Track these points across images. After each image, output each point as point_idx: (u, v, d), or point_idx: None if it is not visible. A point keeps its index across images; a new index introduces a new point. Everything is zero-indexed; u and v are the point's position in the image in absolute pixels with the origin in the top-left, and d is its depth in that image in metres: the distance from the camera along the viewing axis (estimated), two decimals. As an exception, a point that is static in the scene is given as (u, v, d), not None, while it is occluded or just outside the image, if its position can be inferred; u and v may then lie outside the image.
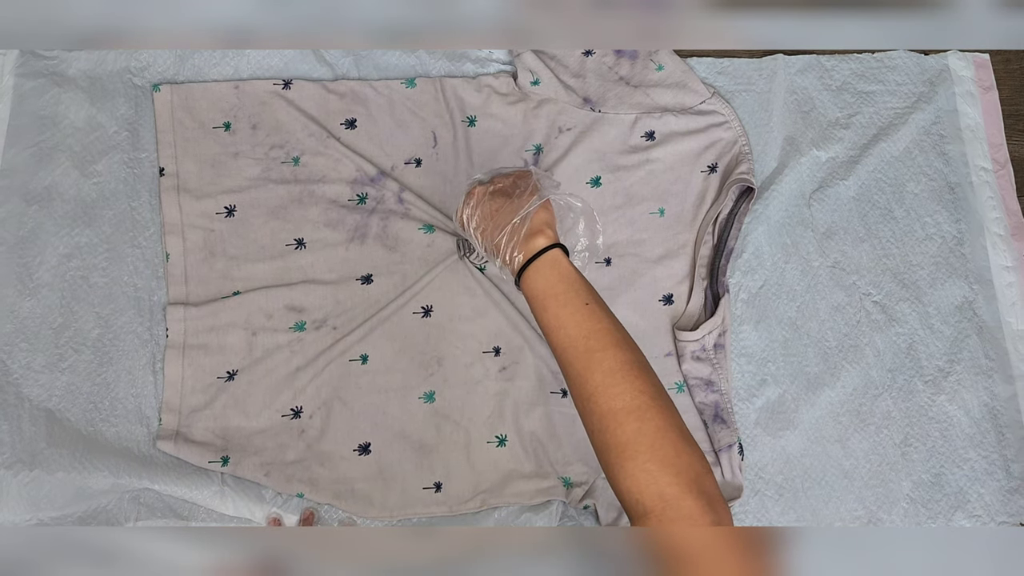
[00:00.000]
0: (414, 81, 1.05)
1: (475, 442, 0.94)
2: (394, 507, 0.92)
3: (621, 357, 0.69)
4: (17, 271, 0.95)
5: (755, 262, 1.04)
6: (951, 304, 1.04)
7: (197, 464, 0.90)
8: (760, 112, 1.09)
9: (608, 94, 1.06)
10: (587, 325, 0.71)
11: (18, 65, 1.01)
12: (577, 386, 0.70)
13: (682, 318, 1.01)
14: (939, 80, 1.13)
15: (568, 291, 0.73)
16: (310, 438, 0.93)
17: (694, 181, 1.05)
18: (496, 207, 0.79)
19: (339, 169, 1.01)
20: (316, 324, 0.96)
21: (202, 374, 0.94)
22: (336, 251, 0.99)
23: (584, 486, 0.93)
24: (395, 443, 0.94)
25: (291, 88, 1.03)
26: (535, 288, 0.75)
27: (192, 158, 1.00)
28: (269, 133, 1.01)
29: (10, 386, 0.91)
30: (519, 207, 0.77)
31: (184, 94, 1.02)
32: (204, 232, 0.98)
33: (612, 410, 0.67)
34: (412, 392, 0.95)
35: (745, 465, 0.96)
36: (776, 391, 0.99)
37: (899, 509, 0.96)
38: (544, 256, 0.75)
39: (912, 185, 1.08)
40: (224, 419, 0.92)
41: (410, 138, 1.03)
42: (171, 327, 0.94)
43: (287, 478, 0.91)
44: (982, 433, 1.00)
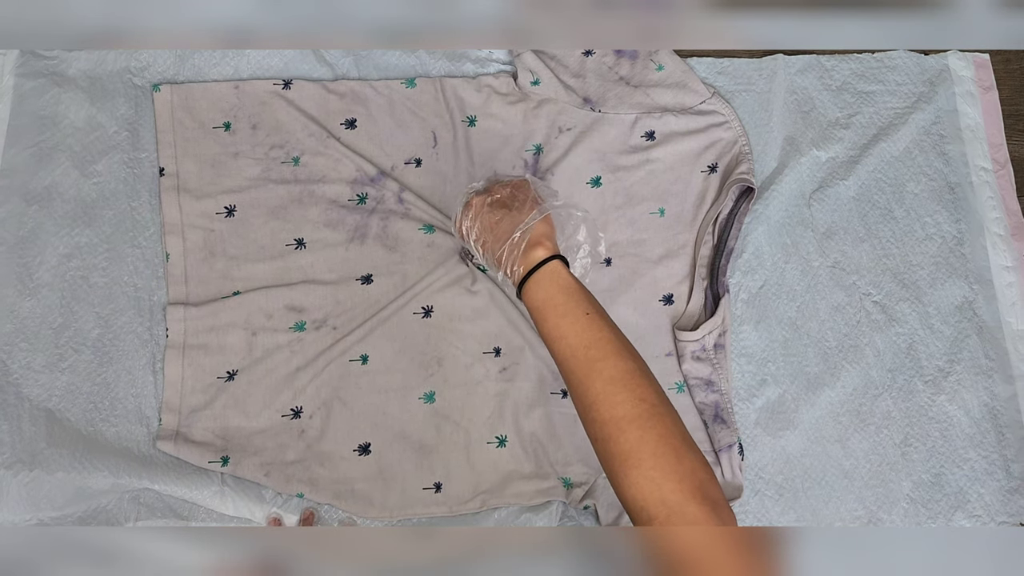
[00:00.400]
0: (414, 81, 1.05)
1: (475, 443, 0.94)
2: (394, 507, 0.92)
3: (622, 366, 0.69)
4: (17, 271, 0.95)
5: (755, 262, 1.04)
6: (951, 304, 1.04)
7: (197, 464, 0.90)
8: (760, 112, 1.09)
9: (608, 94, 1.06)
10: (587, 335, 0.72)
11: (18, 65, 1.01)
12: (579, 395, 0.71)
13: (682, 318, 1.01)
14: (939, 80, 1.13)
15: (568, 301, 0.74)
16: (310, 438, 0.93)
17: (694, 181, 1.05)
18: (495, 220, 0.80)
19: (339, 169, 1.01)
20: (316, 324, 0.96)
21: (202, 374, 0.94)
22: (336, 251, 0.99)
23: (584, 487, 0.93)
24: (395, 443, 0.94)
25: (291, 88, 1.03)
26: (535, 299, 0.76)
27: (192, 158, 1.00)
28: (269, 133, 1.01)
29: (10, 386, 0.91)
30: (518, 220, 0.78)
31: (184, 94, 1.02)
32: (204, 232, 0.98)
33: (614, 418, 0.67)
34: (412, 392, 0.95)
35: (745, 465, 0.96)
36: (776, 391, 0.99)
37: (899, 509, 0.96)
38: (544, 268, 0.76)
39: (912, 185, 1.08)
40: (224, 419, 0.92)
41: (410, 138, 1.03)
42: (171, 327, 0.94)
43: (287, 478, 0.91)
44: (982, 433, 1.00)
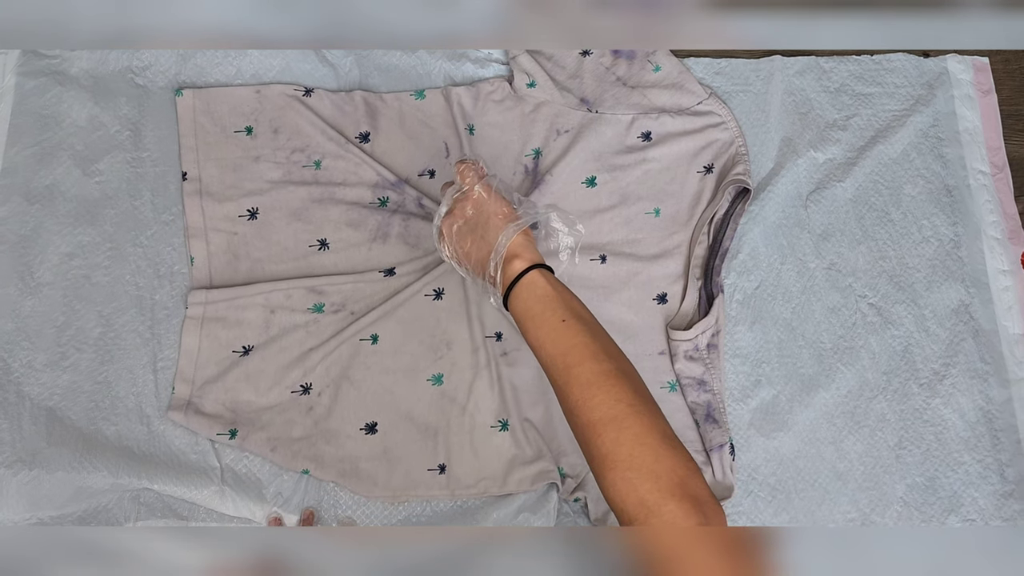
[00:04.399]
0: (423, 92, 1.05)
1: (479, 427, 0.95)
2: (397, 488, 0.92)
3: (597, 368, 0.70)
4: (19, 270, 0.95)
5: (751, 263, 1.04)
6: (947, 307, 1.04)
7: (206, 435, 0.91)
8: (757, 113, 1.09)
9: (605, 95, 1.06)
10: (563, 342, 0.72)
11: (20, 64, 1.02)
12: (560, 401, 0.72)
13: (676, 317, 1.01)
14: (938, 83, 1.13)
15: (544, 311, 0.75)
16: (317, 415, 0.94)
17: (690, 181, 1.05)
18: (465, 249, 0.81)
19: (360, 173, 1.02)
20: (335, 308, 0.97)
21: (218, 347, 0.95)
22: (359, 250, 0.99)
23: (576, 479, 0.94)
24: (401, 424, 0.94)
25: (311, 96, 1.04)
26: (516, 312, 0.77)
27: (214, 162, 1.01)
28: (291, 137, 1.02)
29: (11, 384, 0.92)
30: (487, 245, 0.79)
31: (206, 99, 1.03)
32: (227, 235, 0.99)
33: (591, 422, 0.68)
34: (420, 374, 0.96)
35: (738, 466, 0.96)
36: (770, 392, 0.99)
37: (892, 512, 0.96)
38: (521, 280, 0.77)
39: (909, 188, 1.08)
40: (235, 392, 0.93)
41: (422, 150, 1.04)
42: (191, 303, 0.95)
43: (293, 454, 0.92)
44: (977, 437, 1.00)
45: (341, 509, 0.92)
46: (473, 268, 0.81)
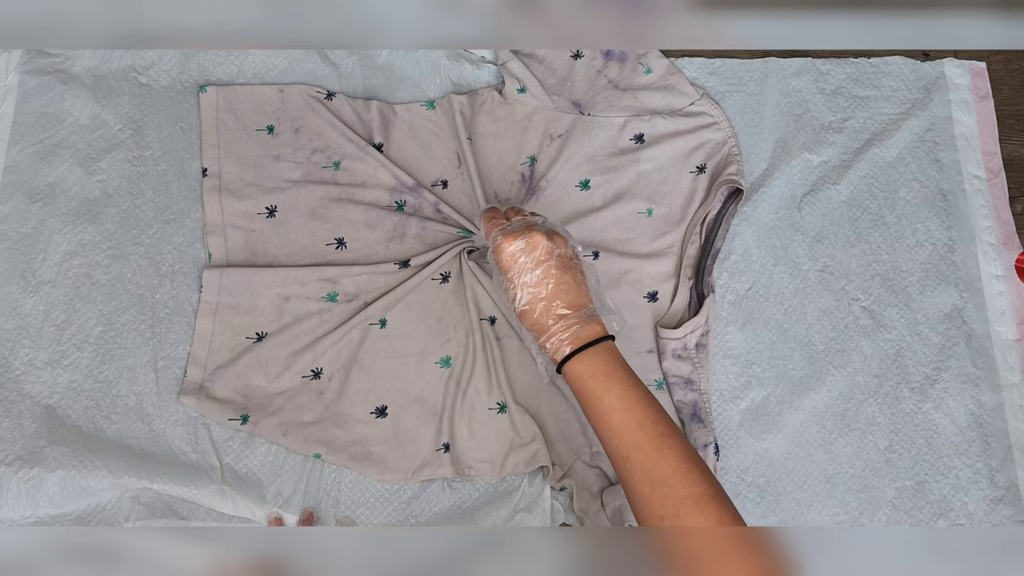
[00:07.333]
0: (433, 103, 1.06)
1: (479, 408, 0.96)
2: (407, 471, 0.94)
3: (688, 444, 0.72)
4: (20, 268, 0.96)
5: (743, 264, 1.04)
6: (940, 311, 1.04)
7: (217, 421, 0.93)
8: (751, 113, 1.09)
9: (597, 98, 1.06)
10: (653, 410, 0.73)
11: (22, 62, 1.02)
12: (646, 470, 0.71)
13: (666, 316, 1.01)
14: (934, 87, 1.12)
15: (630, 375, 0.76)
16: (328, 400, 0.95)
17: (683, 182, 1.05)
18: (565, 286, 0.80)
19: (378, 176, 1.02)
20: (348, 298, 0.98)
21: (232, 333, 0.96)
22: (376, 249, 1.00)
23: (563, 467, 0.95)
24: (411, 407, 0.95)
25: (333, 99, 1.05)
26: (595, 368, 0.76)
27: (235, 159, 1.02)
28: (311, 137, 1.03)
29: (12, 383, 0.92)
30: (584, 295, 0.80)
31: (230, 96, 1.03)
32: (245, 232, 0.99)
33: (692, 496, 0.68)
34: (429, 357, 0.97)
35: (726, 467, 0.97)
36: (761, 393, 1.00)
37: (881, 515, 0.97)
38: (604, 343, 0.78)
39: (904, 191, 1.08)
40: (247, 377, 0.94)
41: (434, 161, 1.05)
42: (206, 286, 0.96)
43: (304, 439, 0.93)
44: (967, 442, 1.00)
45: (341, 509, 0.92)
46: (556, 305, 0.79)
